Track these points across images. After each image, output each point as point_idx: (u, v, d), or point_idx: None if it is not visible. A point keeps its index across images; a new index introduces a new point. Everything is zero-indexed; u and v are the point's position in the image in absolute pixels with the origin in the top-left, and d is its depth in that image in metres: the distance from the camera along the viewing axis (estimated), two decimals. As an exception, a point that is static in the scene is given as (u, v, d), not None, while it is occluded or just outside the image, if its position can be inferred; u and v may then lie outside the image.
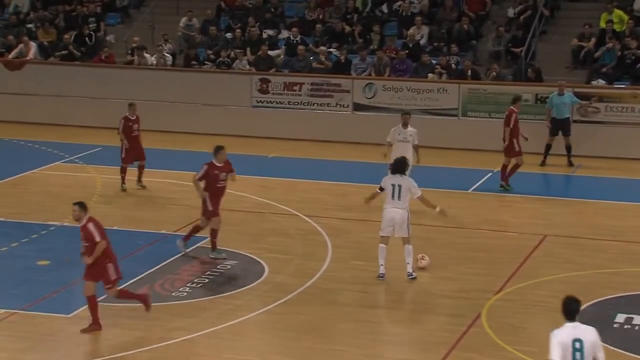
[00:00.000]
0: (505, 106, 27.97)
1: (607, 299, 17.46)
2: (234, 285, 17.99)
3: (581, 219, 22.44)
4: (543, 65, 29.94)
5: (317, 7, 33.27)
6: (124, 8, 35.50)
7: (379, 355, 15.40)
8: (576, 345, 11.54)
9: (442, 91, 29.20)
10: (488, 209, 22.52)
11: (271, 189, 24.32)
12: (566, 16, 32.12)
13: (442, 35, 31.45)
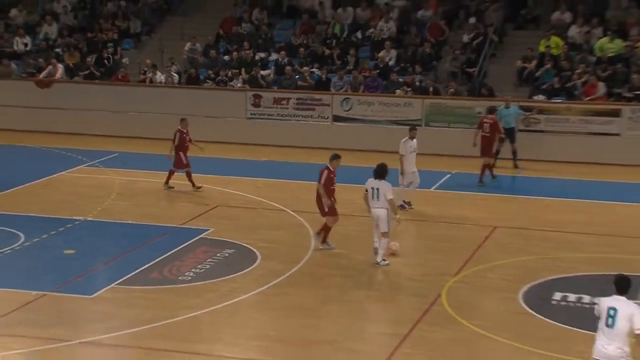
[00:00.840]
0: (462, 117, 28.21)
1: (547, 280, 17.60)
2: (231, 271, 17.92)
3: (526, 213, 22.47)
4: (493, 82, 30.03)
5: (302, 33, 33.24)
6: (137, 35, 35.41)
7: (359, 330, 15.40)
8: (614, 312, 11.55)
9: (408, 105, 29.20)
10: (447, 205, 22.51)
11: (263, 188, 24.27)
12: (512, 42, 32.14)
13: (408, 57, 31.43)
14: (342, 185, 24.01)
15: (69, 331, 14.99)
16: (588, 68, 29.17)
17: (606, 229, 21.17)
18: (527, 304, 16.35)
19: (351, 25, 33.35)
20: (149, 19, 36.06)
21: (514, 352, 14.40)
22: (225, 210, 22.25)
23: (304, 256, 18.86)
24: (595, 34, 30.58)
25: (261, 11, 34.69)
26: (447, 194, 23.31)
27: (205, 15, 35.85)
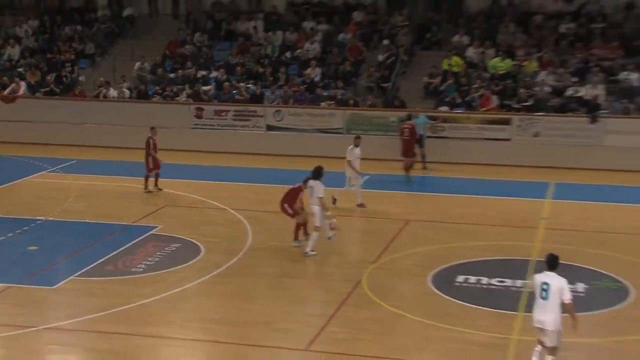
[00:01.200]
0: (378, 126, 28.39)
1: (451, 265, 17.80)
2: (178, 262, 17.86)
3: (434, 208, 22.67)
4: (404, 96, 30.25)
5: (238, 53, 33.14)
6: (91, 55, 34.99)
7: (291, 311, 15.41)
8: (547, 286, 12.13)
9: (331, 115, 29.28)
10: (366, 202, 22.57)
11: (206, 189, 24.15)
12: (419, 61, 32.39)
13: (331, 74, 31.53)
14: (275, 185, 24.10)
15: (34, 318, 14.87)
16: (483, 83, 29.58)
17: (499, 220, 21.49)
18: (435, 286, 16.55)
19: (281, 47, 33.37)
20: (102, 41, 35.67)
21: (424, 328, 14.58)
22: (172, 210, 22.15)
23: (242, 248, 18.83)
24: (489, 54, 30.99)
25: (202, 34, 34.56)
26: (366, 192, 23.39)
27: (153, 38, 35.58)
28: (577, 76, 29.48)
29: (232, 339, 14.21)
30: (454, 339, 14.10)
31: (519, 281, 16.71)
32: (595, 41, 31.06)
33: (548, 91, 28.90)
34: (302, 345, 13.86)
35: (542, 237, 19.69)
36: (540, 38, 31.62)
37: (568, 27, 31.96)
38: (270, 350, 13.82)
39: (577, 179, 25.70)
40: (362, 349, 13.79)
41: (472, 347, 13.80)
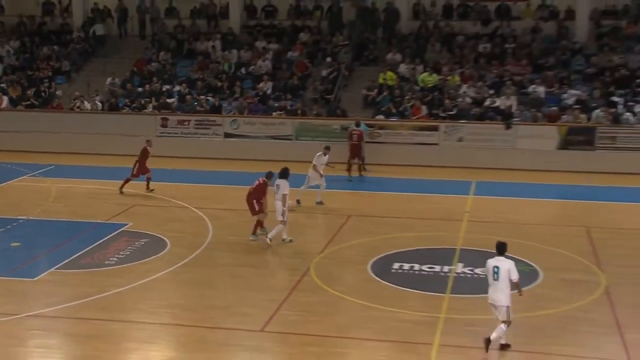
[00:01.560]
0: (323, 133, 28.41)
1: (388, 254, 17.85)
2: (147, 255, 17.70)
3: (372, 205, 22.78)
4: (345, 106, 30.29)
5: (199, 70, 32.95)
6: (67, 72, 34.48)
7: (247, 297, 15.39)
8: (497, 269, 12.65)
9: (282, 124, 29.21)
10: (313, 200, 22.59)
11: (170, 190, 23.90)
12: (358, 76, 32.48)
13: (281, 88, 31.49)
14: (232, 186, 24.10)
15: (17, 307, 14.69)
16: (414, 95, 29.76)
17: (428, 214, 21.58)
18: (374, 273, 16.63)
19: (237, 64, 33.22)
20: (76, 59, 35.18)
21: (364, 309, 14.64)
22: (141, 209, 21.93)
23: (204, 242, 18.72)
24: (418, 70, 31.19)
25: (166, 53, 34.27)
26: (313, 192, 23.44)
27: (122, 57, 35.17)
28: (493, 89, 29.83)
29: (195, 322, 14.13)
30: (390, 318, 14.19)
31: (446, 267, 16.86)
32: (508, 59, 31.48)
33: (469, 102, 29.17)
34: (257, 327, 13.83)
35: (466, 229, 19.88)
36: (461, 56, 31.95)
37: (485, 46, 32.36)
38: (229, 332, 13.76)
39: (495, 177, 25.96)
40: (310, 329, 13.80)
41: (405, 325, 13.90)
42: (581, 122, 27.45)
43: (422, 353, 12.78)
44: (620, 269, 16.96)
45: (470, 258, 17.35)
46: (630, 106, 28.08)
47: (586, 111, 27.96)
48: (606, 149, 27.00)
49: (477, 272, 16.49)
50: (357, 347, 13.20)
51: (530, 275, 16.36)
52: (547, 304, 14.82)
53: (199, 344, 13.27)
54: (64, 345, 13.49)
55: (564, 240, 18.82)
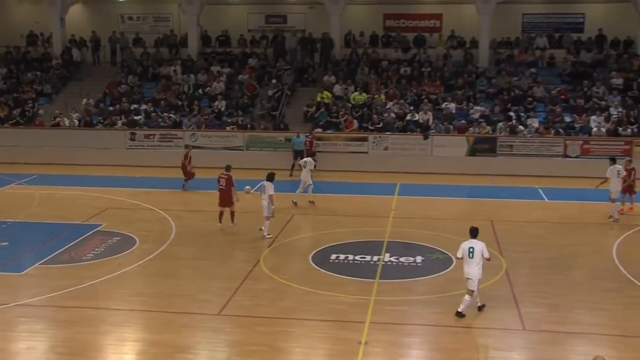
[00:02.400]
0: (270, 144, 28.35)
1: (327, 247, 17.89)
2: (119, 251, 17.45)
3: (314, 205, 22.78)
4: (288, 121, 30.26)
5: (162, 91, 32.56)
6: (48, 94, 33.70)
7: (206, 285, 15.27)
8: (472, 249, 13.20)
9: (234, 137, 29.03)
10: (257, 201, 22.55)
11: (139, 195, 23.57)
12: (299, 95, 32.48)
13: (233, 106, 31.31)
14: (196, 191, 23.90)
15: (6, 297, 14.40)
16: (347, 111, 29.91)
17: (360, 212, 21.71)
18: (315, 263, 16.65)
19: (195, 85, 32.89)
20: (56, 83, 34.38)
21: (306, 294, 14.67)
22: (113, 211, 21.56)
23: (168, 239, 18.52)
24: (350, 89, 31.35)
25: (134, 77, 33.78)
26: (256, 195, 23.44)
27: (95, 80, 34.51)
28: (413, 105, 30.15)
29: (161, 308, 14.01)
30: (328, 301, 14.24)
31: (375, 257, 16.95)
32: (425, 80, 31.85)
33: (393, 116, 29.41)
34: (215, 311, 13.76)
35: (392, 224, 20.03)
36: (386, 78, 32.20)
37: (405, 70, 32.69)
38: (191, 316, 13.65)
39: (415, 180, 26.20)
40: (260, 312, 13.78)
41: (341, 307, 13.97)
42: (486, 133, 27.97)
43: (355, 330, 12.85)
44: (517, 254, 17.33)
45: (396, 249, 17.53)
46: (524, 120, 28.72)
47: (489, 124, 28.49)
48: (506, 155, 27.53)
49: (401, 261, 16.66)
50: (300, 327, 13.21)
51: (445, 262, 16.59)
52: (459, 285, 14.99)
53: (165, 326, 13.14)
54: (48, 329, 13.22)
55: (472, 232, 19.12)
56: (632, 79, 30.68)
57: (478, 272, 13.22)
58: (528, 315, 13.50)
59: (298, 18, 36.09)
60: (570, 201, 23.17)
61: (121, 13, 37.43)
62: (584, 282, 15.65)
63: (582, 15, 34.38)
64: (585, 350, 12.28)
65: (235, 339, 12.79)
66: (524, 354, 12.42)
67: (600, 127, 27.84)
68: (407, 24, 35.42)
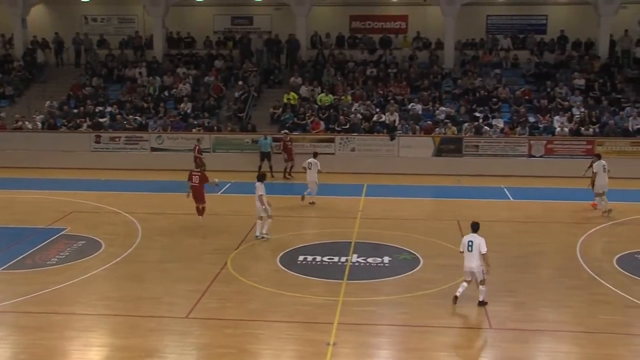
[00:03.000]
0: (237, 145, 28.23)
1: (294, 248, 17.86)
2: (84, 255, 17.21)
3: (280, 206, 22.61)
4: (255, 122, 30.22)
5: (127, 93, 32.27)
6: (11, 96, 33.22)
7: (173, 288, 15.12)
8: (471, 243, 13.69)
9: (201, 138, 28.85)
10: (229, 203, 22.50)
11: (104, 198, 23.31)
12: (266, 96, 32.46)
13: (199, 107, 31.14)
14: (159, 194, 23.71)
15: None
16: (314, 112, 29.96)
17: (328, 213, 21.77)
18: (282, 264, 16.62)
19: (161, 87, 32.69)
20: (19, 85, 33.88)
21: (274, 296, 14.63)
22: (78, 214, 21.27)
23: (134, 242, 18.34)
24: (317, 91, 31.43)
25: (98, 79, 33.42)
26: (229, 196, 23.31)
27: (59, 82, 34.09)
28: (379, 107, 30.31)
29: (128, 312, 13.86)
30: (296, 302, 14.23)
31: (343, 258, 16.97)
32: (391, 81, 32.05)
33: (360, 118, 29.55)
34: (183, 314, 13.65)
35: (359, 225, 20.10)
36: (352, 79, 32.34)
37: (372, 71, 32.86)
38: (159, 319, 13.52)
39: (382, 181, 26.35)
40: (228, 314, 13.71)
41: (309, 308, 13.96)
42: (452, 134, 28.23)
43: (324, 331, 12.86)
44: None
45: (363, 249, 17.58)
46: (489, 120, 29.04)
47: (455, 124, 28.75)
48: (471, 156, 27.81)
49: (369, 261, 16.72)
50: (267, 328, 13.17)
51: (413, 262, 16.69)
52: (426, 285, 15.15)
53: (133, 331, 13.00)
54: (10, 336, 12.95)
55: (439, 232, 19.27)
56: (593, 79, 31.24)
57: (478, 264, 13.71)
58: (495, 314, 13.64)
59: (264, 20, 36.06)
60: (534, 200, 23.48)
61: (85, 14, 37.04)
62: (548, 280, 15.87)
63: (545, 17, 34.92)
64: (549, 347, 12.47)
65: (203, 341, 12.70)
66: (490, 353, 12.55)
67: (564, 127, 28.29)
68: (373, 25, 35.62)
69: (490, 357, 12.46)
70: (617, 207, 21.47)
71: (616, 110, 29.41)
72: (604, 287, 15.08)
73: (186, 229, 19.74)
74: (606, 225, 20.12)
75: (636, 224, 20.04)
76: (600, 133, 28.15)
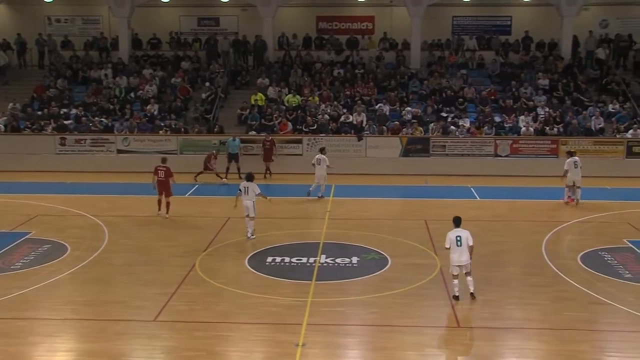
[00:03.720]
0: (204, 147, 28.02)
1: (263, 249, 17.81)
2: (50, 259, 16.97)
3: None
4: (223, 123, 30.08)
5: (93, 94, 31.89)
6: (-29, 98, 32.70)
7: (140, 291, 14.98)
8: (459, 238, 13.83)
9: (168, 140, 28.66)
10: (197, 205, 22.37)
11: (70, 201, 23.01)
12: (233, 97, 32.34)
13: (166, 109, 30.90)
14: (125, 196, 23.47)
15: None
16: (281, 113, 29.94)
17: (296, 214, 21.76)
18: (251, 266, 16.57)
19: (127, 89, 32.37)
20: (-20, 87, 33.42)
21: (242, 297, 14.59)
22: (43, 218, 20.96)
23: (100, 246, 18.12)
24: (284, 92, 31.41)
25: (63, 80, 32.99)
26: (197, 198, 23.17)
27: (23, 84, 33.58)
28: (346, 107, 30.40)
29: (95, 316, 13.68)
30: (265, 304, 14.20)
31: (311, 258, 16.97)
32: (358, 82, 32.17)
33: (327, 118, 29.59)
34: (151, 318, 13.53)
35: (327, 225, 20.13)
36: (319, 80, 32.38)
37: (339, 72, 32.93)
38: (126, 323, 13.38)
39: (350, 181, 26.37)
40: (197, 316, 13.64)
41: (278, 309, 13.94)
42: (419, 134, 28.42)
43: (293, 332, 12.85)
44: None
45: (332, 250, 17.61)
46: (455, 121, 29.30)
47: (422, 124, 28.95)
48: (438, 156, 28.03)
49: (337, 262, 16.75)
50: (236, 330, 13.13)
51: (381, 262, 16.76)
52: (395, 285, 15.23)
53: (99, 335, 12.85)
54: (-27, 344, 12.74)
55: (407, 232, 19.39)
56: (557, 79, 31.70)
57: (467, 257, 13.95)
58: (462, 312, 13.77)
59: (231, 20, 35.94)
60: (501, 199, 23.74)
61: (48, 15, 36.53)
62: (515, 278, 16.06)
63: (509, 18, 35.37)
64: (516, 345, 12.63)
65: (172, 344, 12.61)
66: (458, 351, 12.65)
67: (529, 127, 28.66)
68: (340, 26, 35.73)
69: (458, 355, 12.57)
70: (581, 205, 21.83)
71: (579, 110, 29.89)
72: (568, 284, 15.31)
73: (153, 231, 19.59)
74: (571, 223, 20.44)
75: (599, 222, 20.38)
76: (564, 132, 28.59)
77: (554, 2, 32.61)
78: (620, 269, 16.31)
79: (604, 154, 27.66)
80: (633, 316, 13.65)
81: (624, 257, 17.16)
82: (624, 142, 27.76)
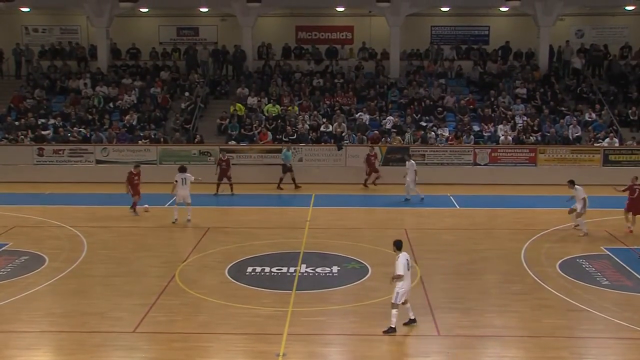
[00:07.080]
0: (184, 157, 27.86)
1: (243, 259, 17.77)
2: (27, 271, 16.80)
3: (228, 217, 22.61)
4: (202, 133, 29.95)
5: (71, 104, 31.66)
6: (-52, 108, 32.31)
7: (119, 303, 14.83)
8: (409, 262, 13.36)
9: (147, 150, 28.51)
10: (178, 215, 22.21)
11: (48, 212, 22.80)
12: (213, 107, 32.29)
13: (145, 119, 30.75)
14: (104, 206, 23.26)
15: None
16: (261, 123, 29.91)
17: (276, 223, 21.70)
18: (231, 276, 16.51)
19: (105, 99, 32.17)
20: (-44, 97, 33.04)
21: (223, 307, 14.52)
22: (20, 229, 20.73)
23: (79, 257, 17.98)
24: (264, 101, 31.40)
25: (41, 90, 32.72)
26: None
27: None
28: (326, 117, 30.45)
29: (73, 328, 13.55)
30: (245, 314, 14.14)
31: (292, 268, 16.95)
32: (338, 92, 32.23)
33: (307, 128, 29.62)
34: (130, 329, 13.42)
35: (307, 235, 20.10)
36: (299, 89, 32.42)
37: (318, 81, 33.00)
38: (105, 335, 13.25)
39: (330, 190, 26.42)
40: (177, 327, 13.54)
41: (258, 319, 13.89)
42: (399, 143, 28.50)
43: (273, 342, 12.80)
44: (431, 261, 17.72)
45: (312, 259, 17.60)
46: (435, 129, 29.45)
47: (401, 134, 29.07)
48: (418, 164, 28.04)
49: (317, 271, 16.74)
50: (217, 341, 13.05)
51: (361, 271, 16.78)
52: (375, 294, 15.23)
53: (77, 347, 12.70)
54: (-52, 357, 12.55)
55: (386, 241, 19.16)
56: (535, 88, 32.01)
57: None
58: (442, 321, 13.80)
59: (210, 30, 35.92)
60: (480, 208, 23.87)
61: (25, 24, 36.26)
62: (494, 286, 16.13)
63: (487, 27, 35.70)
64: (496, 352, 12.68)
65: (151, 356, 12.51)
66: (439, 359, 12.66)
67: (507, 136, 28.88)
68: (319, 35, 35.84)
69: (438, 363, 12.59)
70: (559, 213, 22.00)
71: (556, 119, 30.19)
72: (547, 292, 15.42)
73: (132, 242, 19.46)
74: (549, 230, 20.59)
75: (578, 229, 20.54)
76: (542, 141, 28.84)
77: (530, 13, 32.96)
78: (598, 276, 16.46)
79: (581, 162, 27.94)
80: (611, 323, 13.77)
81: (602, 265, 17.32)
82: (601, 150, 28.06)
